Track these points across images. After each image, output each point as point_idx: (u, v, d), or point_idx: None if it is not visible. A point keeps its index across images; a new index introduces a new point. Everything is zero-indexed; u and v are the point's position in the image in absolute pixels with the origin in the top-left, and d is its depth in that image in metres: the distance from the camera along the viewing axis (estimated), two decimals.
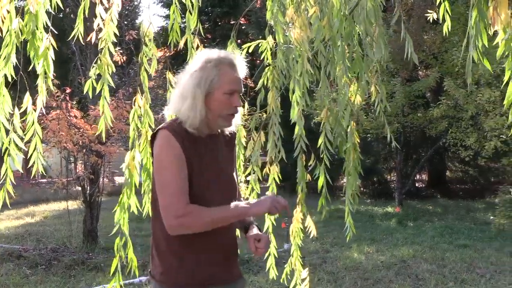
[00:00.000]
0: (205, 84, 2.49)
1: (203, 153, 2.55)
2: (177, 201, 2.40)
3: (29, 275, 8.06)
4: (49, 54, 3.07)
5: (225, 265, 2.62)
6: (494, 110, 13.52)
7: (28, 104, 3.10)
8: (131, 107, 3.95)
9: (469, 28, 1.91)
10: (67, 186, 10.59)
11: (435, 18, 3.78)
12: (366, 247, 10.33)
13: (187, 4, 3.97)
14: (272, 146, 4.10)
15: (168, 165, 2.46)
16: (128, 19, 16.97)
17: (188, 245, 2.50)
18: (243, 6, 25.49)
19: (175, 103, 2.59)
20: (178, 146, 2.45)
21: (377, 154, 21.65)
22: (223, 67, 2.53)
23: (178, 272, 2.51)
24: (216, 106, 2.53)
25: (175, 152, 2.45)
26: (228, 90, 2.53)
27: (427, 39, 16.64)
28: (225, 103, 2.54)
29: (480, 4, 1.86)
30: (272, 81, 4.06)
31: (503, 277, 7.80)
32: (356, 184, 4.18)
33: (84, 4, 3.46)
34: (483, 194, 20.38)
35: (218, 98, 2.52)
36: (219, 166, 2.61)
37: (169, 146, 2.46)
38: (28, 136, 3.15)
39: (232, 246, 2.70)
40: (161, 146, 2.49)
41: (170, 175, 2.44)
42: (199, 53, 2.67)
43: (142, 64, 3.96)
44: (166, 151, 2.47)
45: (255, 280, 7.45)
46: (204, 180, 2.51)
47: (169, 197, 2.43)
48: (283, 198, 2.56)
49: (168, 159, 2.46)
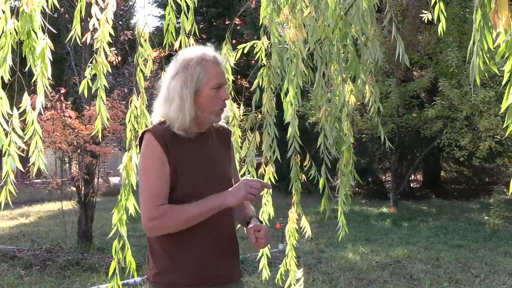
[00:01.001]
0: (192, 83, 2.50)
1: (192, 153, 2.55)
2: (149, 205, 2.42)
3: (24, 275, 8.04)
4: (47, 55, 3.06)
5: (221, 265, 2.59)
6: (489, 111, 13.58)
7: (26, 104, 3.09)
8: (126, 107, 3.94)
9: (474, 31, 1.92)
10: (62, 186, 10.58)
11: (430, 19, 3.78)
12: (361, 247, 10.34)
13: (182, 5, 3.97)
14: (267, 147, 4.10)
15: (145, 169, 2.49)
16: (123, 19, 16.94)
17: (182, 245, 2.49)
18: (238, 6, 25.51)
19: (160, 108, 2.59)
20: (159, 148, 2.46)
21: (372, 155, 21.68)
22: (206, 63, 2.53)
23: (172, 272, 2.50)
24: (206, 103, 2.53)
25: (155, 154, 2.46)
26: (215, 85, 2.54)
27: (422, 40, 16.68)
28: (214, 98, 2.55)
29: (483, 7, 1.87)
30: (268, 81, 4.06)
31: (497, 277, 7.82)
32: (350, 184, 4.18)
33: (81, 4, 3.45)
34: (477, 194, 20.42)
35: (207, 94, 2.53)
36: (212, 163, 2.60)
37: (149, 149, 2.48)
38: (28, 135, 3.14)
39: (229, 245, 2.67)
40: (142, 149, 2.52)
41: (146, 179, 2.47)
42: (178, 55, 2.65)
43: (137, 65, 3.96)
44: (145, 155, 2.50)
45: (250, 280, 7.46)
46: (195, 179, 2.51)
47: (143, 201, 2.46)
48: (256, 179, 2.58)
49: (146, 163, 2.49)
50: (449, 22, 14.40)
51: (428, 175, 23.77)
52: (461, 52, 14.32)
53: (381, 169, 23.30)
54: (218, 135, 2.74)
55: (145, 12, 15.31)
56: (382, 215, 15.50)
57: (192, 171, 2.52)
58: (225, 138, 2.80)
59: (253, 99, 4.18)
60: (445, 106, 14.97)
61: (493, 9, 1.89)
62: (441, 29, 3.63)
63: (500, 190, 13.63)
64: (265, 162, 4.22)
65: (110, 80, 11.89)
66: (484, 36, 1.87)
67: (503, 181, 21.48)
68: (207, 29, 27.50)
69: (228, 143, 2.82)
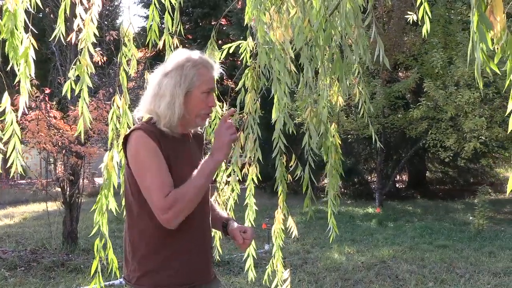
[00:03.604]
0: (185, 83, 2.53)
1: (179, 151, 2.58)
2: (158, 199, 2.40)
3: (8, 277, 7.98)
4: (30, 54, 3.04)
5: (205, 264, 2.64)
6: (474, 112, 13.65)
7: (6, 104, 3.06)
8: (111, 107, 3.92)
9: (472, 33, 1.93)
10: (47, 187, 10.49)
11: (415, 20, 3.79)
12: (347, 247, 10.37)
13: (166, 5, 3.97)
14: (250, 147, 4.09)
15: (148, 165, 2.46)
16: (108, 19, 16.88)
17: (168, 246, 2.50)
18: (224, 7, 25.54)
19: (148, 104, 2.61)
20: (153, 143, 2.46)
21: (357, 155, 21.77)
22: (200, 67, 2.59)
23: (161, 272, 2.51)
24: (194, 106, 2.58)
25: (150, 147, 2.46)
26: (207, 89, 2.59)
27: (407, 41, 16.77)
28: (202, 102, 2.60)
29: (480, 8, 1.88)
30: (251, 82, 4.05)
31: (482, 277, 7.87)
32: (338, 185, 4.19)
33: (65, 4, 3.43)
34: (462, 194, 20.58)
35: (196, 97, 2.57)
36: (193, 164, 2.61)
37: (145, 146, 2.47)
38: (6, 136, 3.11)
39: (210, 246, 2.73)
40: (137, 148, 2.49)
41: (149, 174, 2.45)
42: (174, 54, 2.69)
43: (121, 64, 3.94)
44: (143, 152, 2.47)
45: (236, 281, 7.45)
46: (181, 178, 2.51)
47: (151, 198, 2.43)
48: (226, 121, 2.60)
49: (148, 159, 2.46)
50: (434, 24, 14.51)
51: (413, 176, 23.89)
52: (446, 53, 14.41)
53: (366, 169, 23.41)
54: (196, 139, 2.82)
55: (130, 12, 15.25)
56: (367, 215, 15.55)
57: (179, 169, 2.53)
58: (200, 142, 2.89)
59: (238, 99, 4.18)
60: (430, 107, 15.06)
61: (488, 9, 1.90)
62: (425, 31, 3.63)
63: (485, 191, 13.72)
64: (248, 162, 4.22)
65: (96, 80, 11.85)
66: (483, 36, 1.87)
67: (487, 182, 21.70)
68: (193, 30, 27.54)
69: (202, 147, 2.91)
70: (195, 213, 2.51)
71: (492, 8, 1.91)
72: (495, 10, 1.90)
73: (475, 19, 1.90)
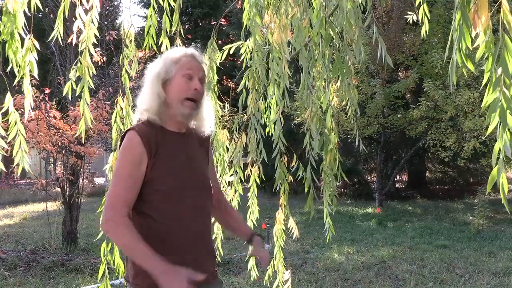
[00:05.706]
0: (162, 73, 2.56)
1: (176, 150, 2.57)
2: (112, 206, 2.40)
3: (8, 277, 7.98)
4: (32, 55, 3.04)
5: (203, 264, 2.60)
6: (473, 111, 13.65)
7: (9, 104, 3.06)
8: (111, 107, 3.93)
9: (452, 30, 1.93)
10: (47, 187, 10.48)
11: (415, 20, 3.80)
12: (347, 247, 10.37)
13: (164, 6, 3.97)
14: (253, 148, 4.09)
15: (120, 173, 2.46)
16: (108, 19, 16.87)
17: (161, 246, 2.47)
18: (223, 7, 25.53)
19: (139, 104, 2.63)
20: (139, 148, 2.45)
21: (357, 155, 21.76)
22: (182, 59, 2.59)
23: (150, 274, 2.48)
24: (176, 91, 2.55)
25: (132, 154, 2.46)
26: (187, 74, 2.56)
27: (407, 41, 16.76)
28: (183, 86, 2.56)
29: (463, 6, 1.88)
30: (252, 83, 4.05)
31: (481, 276, 7.86)
32: (334, 185, 4.18)
33: (64, 5, 3.43)
34: (462, 194, 20.58)
35: (176, 82, 2.56)
36: (193, 164, 2.61)
37: (127, 150, 2.48)
38: (11, 136, 3.11)
39: (209, 245, 2.71)
40: (122, 151, 2.50)
41: (116, 182, 2.46)
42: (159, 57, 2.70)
43: (123, 66, 3.94)
44: (122, 158, 2.48)
45: (236, 281, 7.45)
46: (177, 177, 2.51)
47: (108, 200, 2.43)
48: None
49: (123, 168, 2.46)
50: (433, 23, 14.51)
51: (413, 176, 23.89)
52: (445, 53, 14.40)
53: (366, 169, 23.41)
54: (200, 139, 2.77)
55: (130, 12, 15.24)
56: (367, 215, 15.55)
57: (175, 168, 2.52)
58: (205, 142, 2.83)
59: (239, 100, 4.18)
60: (430, 107, 15.05)
61: (473, 9, 1.91)
62: (424, 31, 3.64)
63: (485, 191, 13.71)
64: (251, 163, 4.21)
65: (95, 80, 11.84)
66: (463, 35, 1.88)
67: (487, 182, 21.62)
68: (193, 30, 27.52)
69: (208, 147, 2.86)
70: (191, 215, 2.52)
71: (477, 8, 1.91)
72: (479, 10, 1.91)
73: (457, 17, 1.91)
